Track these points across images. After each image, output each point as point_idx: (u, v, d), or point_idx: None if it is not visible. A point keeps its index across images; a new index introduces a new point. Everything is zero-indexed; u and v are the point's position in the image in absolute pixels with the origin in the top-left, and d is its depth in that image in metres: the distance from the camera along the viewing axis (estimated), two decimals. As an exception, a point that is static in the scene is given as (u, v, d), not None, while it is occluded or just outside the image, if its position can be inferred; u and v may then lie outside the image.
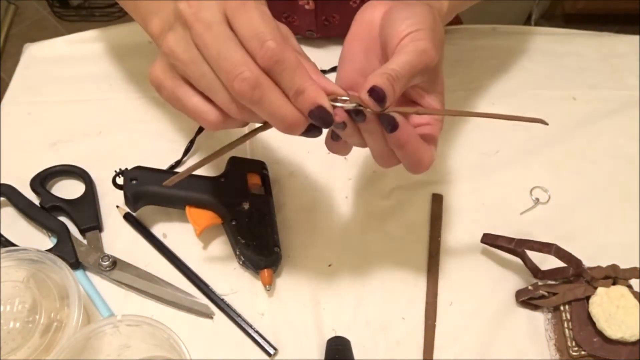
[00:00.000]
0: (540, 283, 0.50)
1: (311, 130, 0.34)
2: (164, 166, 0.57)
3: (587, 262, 0.48)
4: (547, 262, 0.50)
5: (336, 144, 0.39)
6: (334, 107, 0.34)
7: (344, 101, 0.35)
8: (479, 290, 0.52)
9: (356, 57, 0.40)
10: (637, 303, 0.45)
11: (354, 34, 0.40)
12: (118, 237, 0.54)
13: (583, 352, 0.46)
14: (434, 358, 0.49)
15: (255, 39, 0.31)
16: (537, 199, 0.58)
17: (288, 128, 0.33)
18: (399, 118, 0.35)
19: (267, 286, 0.50)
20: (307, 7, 0.62)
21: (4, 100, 0.63)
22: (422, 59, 0.35)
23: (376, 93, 0.33)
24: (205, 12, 0.31)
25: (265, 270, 0.50)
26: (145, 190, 0.51)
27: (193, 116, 0.35)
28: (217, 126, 0.34)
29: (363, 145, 0.38)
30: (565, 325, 0.47)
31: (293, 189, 0.57)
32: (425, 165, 0.38)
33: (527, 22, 1.58)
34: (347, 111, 0.35)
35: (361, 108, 0.35)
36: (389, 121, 0.35)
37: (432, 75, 0.37)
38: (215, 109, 0.34)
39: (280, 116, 0.32)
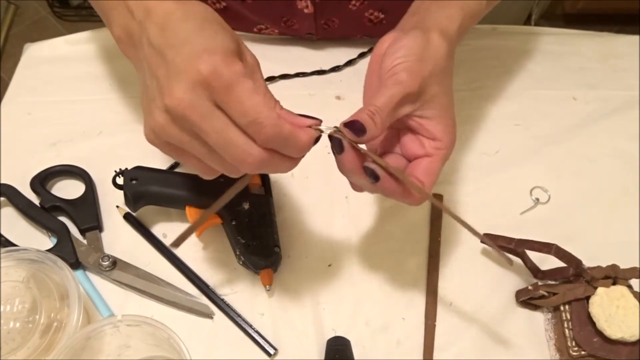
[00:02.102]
0: (540, 283, 0.50)
1: None
2: (164, 166, 0.57)
3: (587, 262, 0.48)
4: (547, 262, 0.50)
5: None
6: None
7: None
8: (479, 290, 0.52)
9: (374, 91, 0.41)
10: (637, 303, 0.45)
11: (370, 68, 0.42)
12: (118, 237, 0.54)
13: (583, 352, 0.46)
14: (434, 358, 0.49)
15: (252, 126, 0.32)
16: (537, 199, 0.58)
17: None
18: (380, 171, 0.37)
19: (267, 286, 0.50)
20: (306, 10, 0.62)
21: (4, 100, 0.63)
22: (398, 90, 0.37)
23: (353, 125, 0.36)
24: (196, 103, 0.32)
25: (265, 270, 0.50)
26: (145, 190, 0.51)
27: (193, 169, 0.37)
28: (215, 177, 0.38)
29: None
30: (565, 325, 0.47)
31: (293, 189, 0.57)
32: (415, 204, 0.39)
33: (527, 22, 1.58)
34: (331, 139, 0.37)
35: (337, 135, 0.36)
36: (370, 173, 0.37)
37: (425, 101, 0.38)
38: (212, 169, 0.37)
39: (283, 170, 0.36)
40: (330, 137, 0.37)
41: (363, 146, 0.38)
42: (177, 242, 0.41)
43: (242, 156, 0.33)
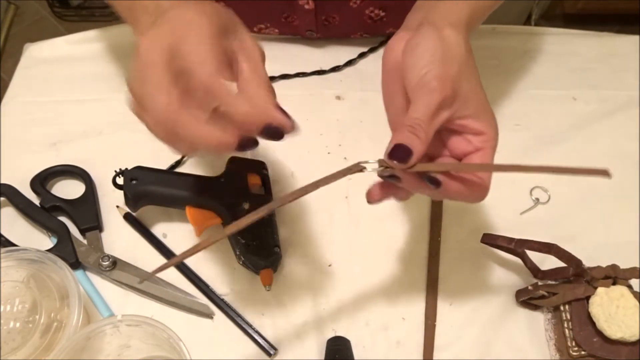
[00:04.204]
0: (540, 283, 0.50)
1: (247, 146, 0.35)
2: (164, 166, 0.57)
3: (587, 262, 0.48)
4: (547, 262, 0.50)
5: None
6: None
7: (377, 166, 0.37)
8: (479, 290, 0.52)
9: (395, 100, 0.40)
10: (637, 303, 0.45)
11: (386, 77, 0.40)
12: (118, 237, 0.54)
13: (583, 352, 0.46)
14: (434, 358, 0.49)
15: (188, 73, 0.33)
16: (537, 199, 0.58)
17: (217, 150, 0.35)
18: (440, 176, 0.36)
19: (267, 286, 0.50)
20: (306, 7, 0.62)
21: (4, 100, 0.63)
22: (434, 97, 0.36)
23: (400, 151, 0.35)
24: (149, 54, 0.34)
25: (265, 270, 0.50)
26: (145, 190, 0.51)
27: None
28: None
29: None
30: (565, 325, 0.47)
31: (293, 189, 0.57)
32: (482, 197, 0.39)
33: (527, 22, 1.58)
34: (381, 176, 0.37)
35: (386, 172, 0.36)
36: (430, 180, 0.36)
37: (460, 101, 0.37)
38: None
39: (205, 140, 0.34)
40: (382, 176, 0.37)
41: None
42: (163, 268, 0.36)
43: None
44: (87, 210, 0.54)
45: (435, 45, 0.37)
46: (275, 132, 0.35)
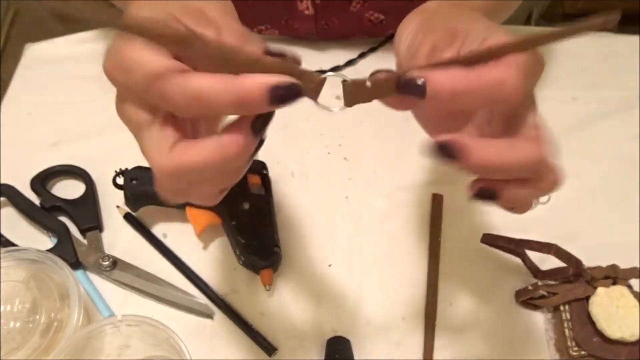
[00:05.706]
0: (540, 283, 0.50)
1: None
2: (164, 166, 0.57)
3: (587, 262, 0.48)
4: (547, 262, 0.50)
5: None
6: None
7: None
8: (479, 290, 0.52)
9: None
10: (637, 303, 0.45)
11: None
12: (118, 237, 0.54)
13: (583, 352, 0.46)
14: (434, 358, 0.49)
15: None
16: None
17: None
18: (416, 72, 0.27)
19: (267, 286, 0.50)
20: (307, 12, 0.62)
21: (4, 100, 0.63)
22: (424, 49, 0.32)
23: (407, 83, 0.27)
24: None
25: (265, 270, 0.50)
26: (146, 190, 0.51)
27: None
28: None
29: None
30: (565, 325, 0.47)
31: (293, 189, 0.57)
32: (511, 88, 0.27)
33: (527, 22, 1.58)
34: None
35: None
36: (406, 85, 0.27)
37: (462, 36, 0.31)
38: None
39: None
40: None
41: None
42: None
43: None
44: (87, 210, 0.54)
45: (414, 17, 0.36)
46: (287, 93, 0.26)
